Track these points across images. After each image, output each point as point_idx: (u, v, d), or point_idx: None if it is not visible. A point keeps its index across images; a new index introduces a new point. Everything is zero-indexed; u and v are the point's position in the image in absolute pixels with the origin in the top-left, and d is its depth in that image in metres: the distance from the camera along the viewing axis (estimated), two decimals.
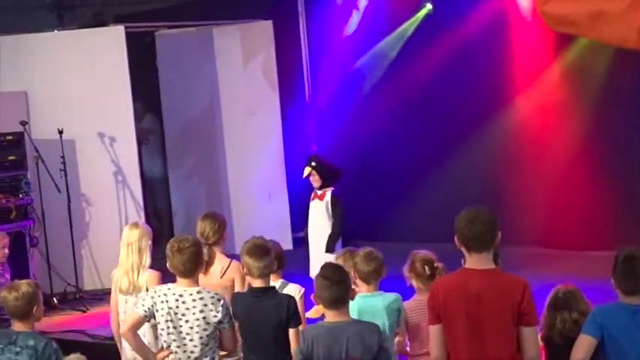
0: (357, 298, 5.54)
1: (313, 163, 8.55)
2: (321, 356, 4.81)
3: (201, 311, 5.30)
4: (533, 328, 4.59)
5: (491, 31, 10.36)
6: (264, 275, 5.48)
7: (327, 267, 5.03)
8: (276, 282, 5.99)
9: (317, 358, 4.82)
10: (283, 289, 5.92)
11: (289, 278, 6.29)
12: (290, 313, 5.38)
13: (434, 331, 4.72)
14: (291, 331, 5.39)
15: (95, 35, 10.41)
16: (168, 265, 5.42)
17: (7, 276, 8.59)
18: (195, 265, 5.38)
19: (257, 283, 5.48)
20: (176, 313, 5.32)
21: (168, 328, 5.33)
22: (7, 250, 8.29)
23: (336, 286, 4.84)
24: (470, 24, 10.40)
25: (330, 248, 8.29)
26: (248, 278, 5.58)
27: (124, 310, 6.20)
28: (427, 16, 10.98)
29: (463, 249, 4.67)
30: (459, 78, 10.70)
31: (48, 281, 9.82)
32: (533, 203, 10.37)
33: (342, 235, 8.51)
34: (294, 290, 5.97)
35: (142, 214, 10.26)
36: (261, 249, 5.47)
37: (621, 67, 9.50)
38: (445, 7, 10.69)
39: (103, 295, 9.29)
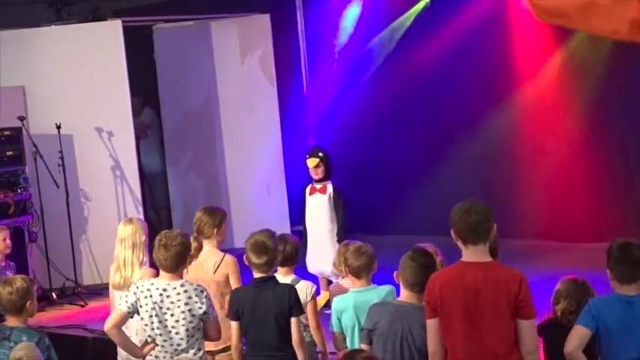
0: (351, 293, 5.58)
1: (321, 154, 8.38)
2: (383, 330, 5.05)
3: (187, 304, 5.32)
4: (531, 321, 4.59)
5: (490, 23, 10.32)
6: (263, 271, 5.50)
7: (417, 249, 5.22)
8: (287, 277, 5.95)
9: (379, 332, 5.06)
10: (295, 286, 5.82)
11: None
12: (292, 302, 5.41)
13: (430, 325, 4.71)
14: (293, 320, 5.42)
15: (93, 30, 10.38)
16: (153, 256, 5.43)
17: (9, 273, 8.54)
18: (177, 263, 5.39)
19: (257, 275, 5.53)
20: (161, 308, 5.32)
21: (152, 322, 5.34)
22: (9, 241, 8.21)
23: (420, 270, 5.02)
24: (469, 15, 10.37)
25: (342, 240, 8.13)
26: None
27: None
28: (425, 8, 10.96)
29: (459, 243, 4.66)
30: (458, 70, 10.68)
31: (47, 276, 9.84)
32: (533, 196, 10.37)
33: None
34: (306, 288, 5.90)
35: (141, 208, 10.27)
36: (261, 247, 5.47)
37: (619, 59, 9.46)
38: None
39: (101, 290, 9.31)
